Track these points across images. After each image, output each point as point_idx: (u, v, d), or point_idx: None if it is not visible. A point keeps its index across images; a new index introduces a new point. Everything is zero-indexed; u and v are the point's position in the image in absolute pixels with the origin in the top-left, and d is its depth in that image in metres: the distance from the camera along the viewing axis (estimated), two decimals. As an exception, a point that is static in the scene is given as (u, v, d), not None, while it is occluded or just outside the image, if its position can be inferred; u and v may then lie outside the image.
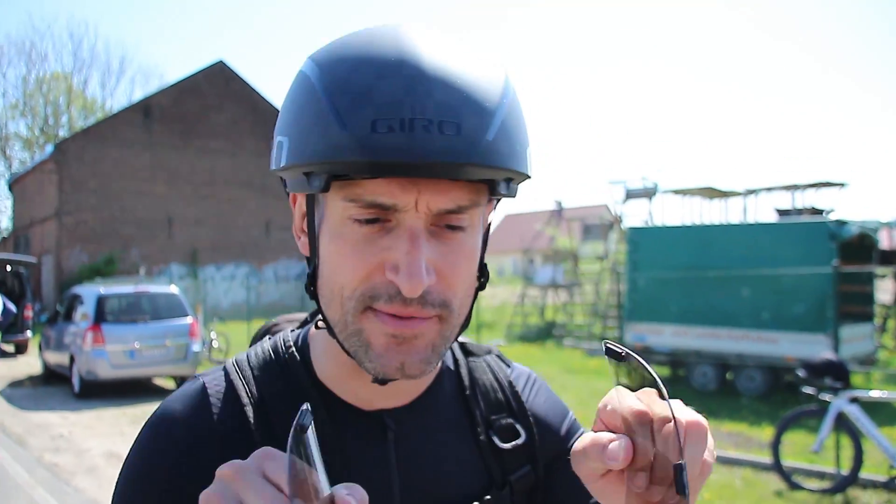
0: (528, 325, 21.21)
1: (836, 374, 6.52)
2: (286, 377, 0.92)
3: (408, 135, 0.70)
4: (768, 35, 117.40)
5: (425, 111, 0.71)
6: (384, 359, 0.80)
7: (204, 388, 0.90)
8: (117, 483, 0.88)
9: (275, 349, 0.96)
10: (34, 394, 12.83)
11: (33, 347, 17.70)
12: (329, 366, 0.93)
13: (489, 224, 0.92)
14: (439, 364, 0.97)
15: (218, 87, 31.74)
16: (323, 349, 0.94)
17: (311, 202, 0.85)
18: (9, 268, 19.55)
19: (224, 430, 0.87)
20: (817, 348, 9.24)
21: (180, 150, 30.02)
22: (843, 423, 6.49)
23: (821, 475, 6.94)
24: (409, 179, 0.74)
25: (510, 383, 1.05)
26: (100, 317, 12.15)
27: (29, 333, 18.20)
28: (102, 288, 13.10)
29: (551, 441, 1.03)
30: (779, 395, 10.75)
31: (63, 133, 41.61)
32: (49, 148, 31.86)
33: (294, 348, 0.95)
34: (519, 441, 0.99)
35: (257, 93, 32.76)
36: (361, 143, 0.70)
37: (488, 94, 0.76)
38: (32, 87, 45.36)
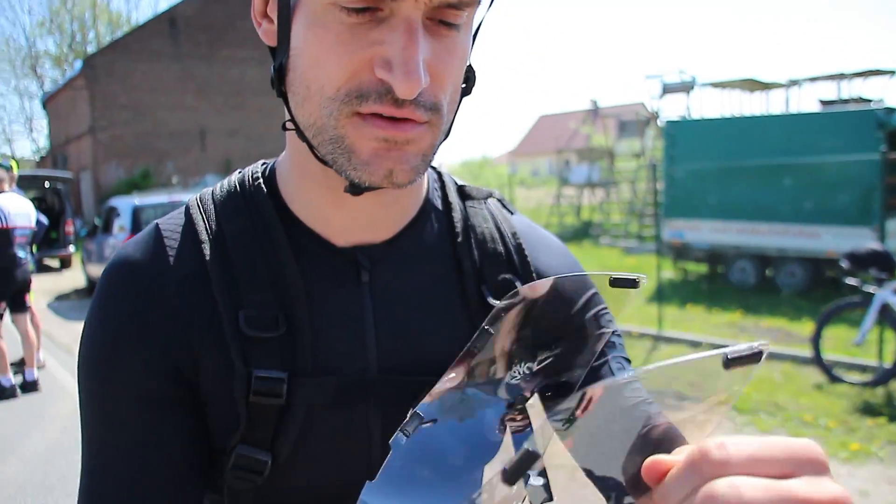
0: (565, 225, 20.98)
1: (882, 264, 6.28)
2: (249, 210, 0.84)
3: None
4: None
5: None
6: (371, 166, 0.71)
7: (158, 230, 0.84)
8: (81, 337, 0.83)
9: (241, 182, 0.88)
10: (79, 305, 13.13)
11: (77, 262, 18.05)
12: (298, 192, 0.85)
13: (479, 25, 0.81)
14: (422, 197, 0.89)
15: (244, -6, 31.12)
16: (290, 171, 0.85)
17: None
18: (47, 184, 19.75)
19: (184, 270, 0.81)
20: (862, 242, 8.98)
21: (208, 61, 29.62)
22: (887, 315, 6.30)
23: (862, 368, 6.81)
24: None
25: (513, 234, 0.93)
26: (136, 227, 12.27)
27: (71, 248, 18.50)
28: (137, 199, 13.21)
29: None
30: (820, 291, 10.52)
31: (91, 49, 41.38)
32: (78, 64, 31.77)
33: (262, 179, 0.87)
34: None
35: (283, -2, 32.03)
36: None
37: None
38: (58, 3, 44.96)
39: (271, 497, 0.83)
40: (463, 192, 0.95)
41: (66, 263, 19.08)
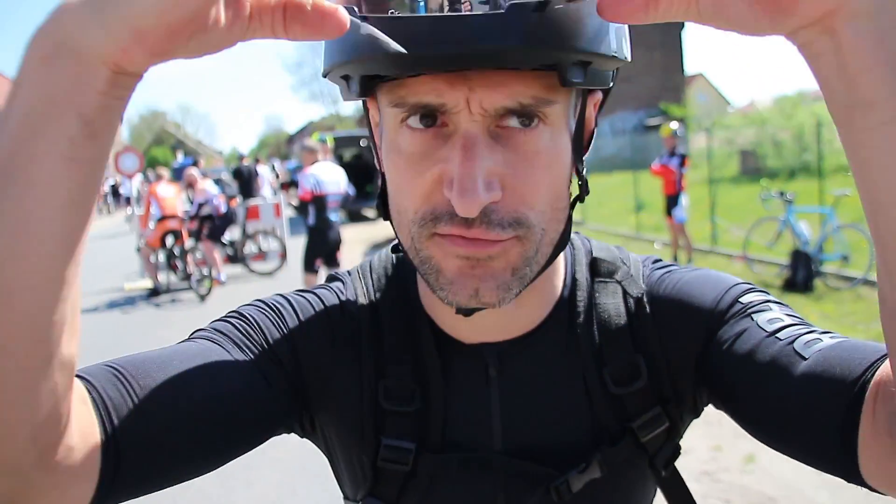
0: None
1: None
2: (399, 289, 0.88)
3: (436, 20, 0.59)
4: None
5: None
6: (456, 285, 0.70)
7: (337, 287, 0.91)
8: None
9: (398, 260, 0.92)
10: (390, 257, 14.20)
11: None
12: (425, 294, 0.87)
13: (589, 120, 0.77)
14: (557, 293, 0.86)
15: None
16: (418, 277, 0.88)
17: (368, 119, 0.79)
18: (363, 143, 21.55)
19: (343, 321, 0.86)
20: None
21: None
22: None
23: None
24: (455, 73, 0.62)
25: (638, 301, 0.85)
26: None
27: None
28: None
29: (685, 351, 0.82)
30: None
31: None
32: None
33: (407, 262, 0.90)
34: (638, 383, 0.82)
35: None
36: (381, 37, 0.59)
37: None
38: None
39: None
40: (594, 269, 0.89)
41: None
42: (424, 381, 0.83)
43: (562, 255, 0.86)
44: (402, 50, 0.59)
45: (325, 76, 0.71)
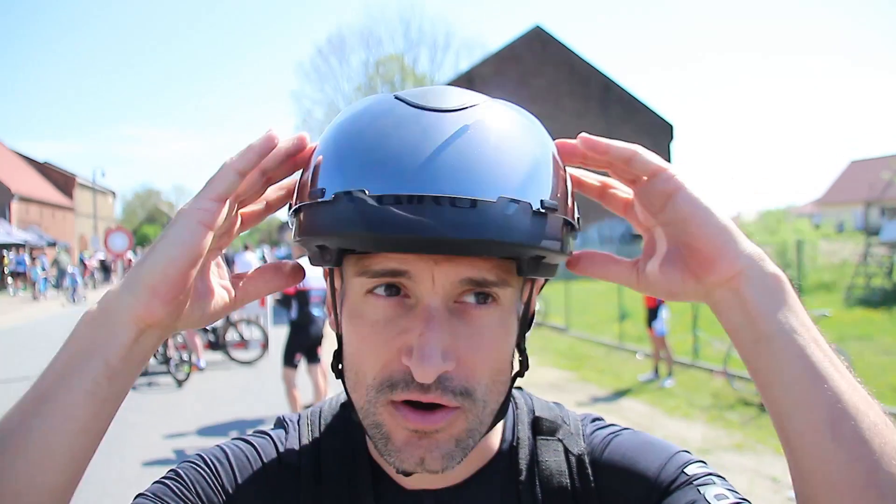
0: (872, 288, 18.73)
1: None
2: (345, 436, 0.93)
3: (415, 207, 0.66)
4: None
5: (437, 184, 0.66)
6: (403, 453, 0.76)
7: (282, 424, 0.97)
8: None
9: (344, 405, 0.96)
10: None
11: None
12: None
13: (531, 303, 0.85)
14: (497, 444, 0.91)
15: (535, 52, 32.43)
16: None
17: (333, 277, 0.84)
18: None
19: (280, 472, 0.90)
20: None
21: (501, 117, 30.96)
22: None
23: None
24: (424, 255, 0.71)
25: (580, 460, 0.88)
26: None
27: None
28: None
29: None
30: None
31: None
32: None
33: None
34: None
35: (574, 54, 32.93)
36: (367, 217, 0.67)
37: (516, 166, 0.70)
38: (372, 69, 49.95)
39: None
40: (536, 427, 0.93)
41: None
42: None
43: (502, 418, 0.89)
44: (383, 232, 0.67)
45: (296, 241, 0.77)
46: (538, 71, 32.23)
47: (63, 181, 57.31)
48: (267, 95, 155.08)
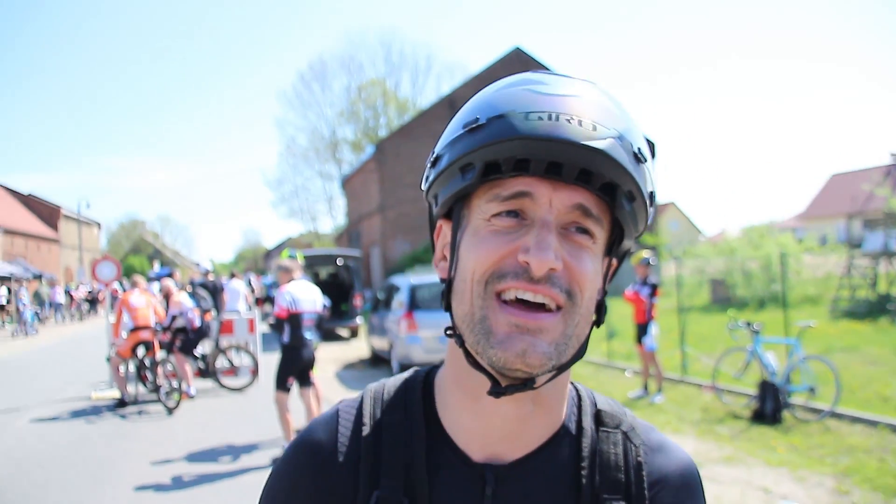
0: (857, 300, 18.92)
1: None
2: (406, 408, 0.96)
3: (554, 124, 0.78)
4: None
5: (571, 110, 0.80)
6: (506, 343, 0.80)
7: (337, 414, 0.99)
8: (262, 491, 1.00)
9: (407, 380, 1.01)
10: (362, 375, 14.13)
11: (363, 333, 19.58)
12: (446, 399, 0.95)
13: (612, 269, 0.93)
14: (560, 421, 0.95)
15: (516, 73, 32.41)
16: (444, 379, 0.96)
17: (456, 222, 0.90)
18: (339, 262, 21.87)
19: (348, 449, 0.94)
20: None
21: (485, 140, 31.08)
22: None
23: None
24: (547, 179, 0.81)
25: (638, 465, 0.95)
26: (413, 304, 13.04)
27: (359, 320, 20.40)
28: (414, 279, 14.03)
29: None
30: None
31: (382, 133, 45.42)
32: (370, 148, 34.92)
33: (421, 381, 0.99)
34: None
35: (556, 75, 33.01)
36: (518, 128, 0.79)
37: (626, 117, 0.84)
38: (354, 94, 50.13)
39: None
40: (599, 419, 0.97)
41: (354, 333, 21.23)
42: (413, 496, 0.90)
43: (567, 396, 0.96)
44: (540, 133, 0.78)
45: (441, 172, 0.86)
46: (522, 93, 32.17)
47: (48, 213, 57.07)
48: (251, 121, 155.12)
